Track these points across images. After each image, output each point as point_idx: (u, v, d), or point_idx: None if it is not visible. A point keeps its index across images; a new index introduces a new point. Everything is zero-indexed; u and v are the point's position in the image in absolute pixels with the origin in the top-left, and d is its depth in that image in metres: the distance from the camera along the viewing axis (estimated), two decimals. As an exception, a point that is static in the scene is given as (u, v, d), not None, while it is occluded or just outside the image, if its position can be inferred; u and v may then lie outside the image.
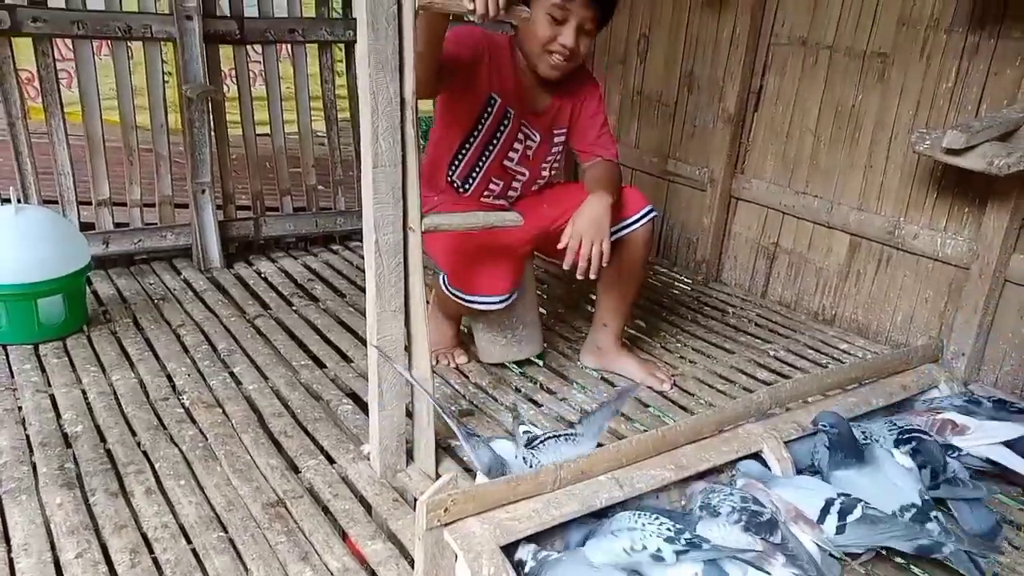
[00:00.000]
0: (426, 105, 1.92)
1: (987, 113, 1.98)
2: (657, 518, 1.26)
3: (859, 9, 2.29)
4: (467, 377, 2.02)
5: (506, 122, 1.86)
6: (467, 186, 1.94)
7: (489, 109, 1.83)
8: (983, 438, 1.60)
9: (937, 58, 2.12)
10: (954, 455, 1.55)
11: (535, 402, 1.92)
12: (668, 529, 1.24)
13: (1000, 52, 1.99)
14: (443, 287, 1.85)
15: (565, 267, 1.72)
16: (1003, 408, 1.68)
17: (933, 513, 1.37)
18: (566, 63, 1.78)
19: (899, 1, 2.18)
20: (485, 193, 1.97)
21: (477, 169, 1.92)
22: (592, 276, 1.72)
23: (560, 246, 1.71)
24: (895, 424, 1.60)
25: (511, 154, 1.91)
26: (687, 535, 1.23)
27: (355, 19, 1.31)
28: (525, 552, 1.24)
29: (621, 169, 1.98)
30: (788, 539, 1.27)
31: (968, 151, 1.84)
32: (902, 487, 1.42)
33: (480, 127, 1.86)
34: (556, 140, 1.96)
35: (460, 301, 1.83)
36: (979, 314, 2.05)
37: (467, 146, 1.89)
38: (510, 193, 1.99)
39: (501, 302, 1.81)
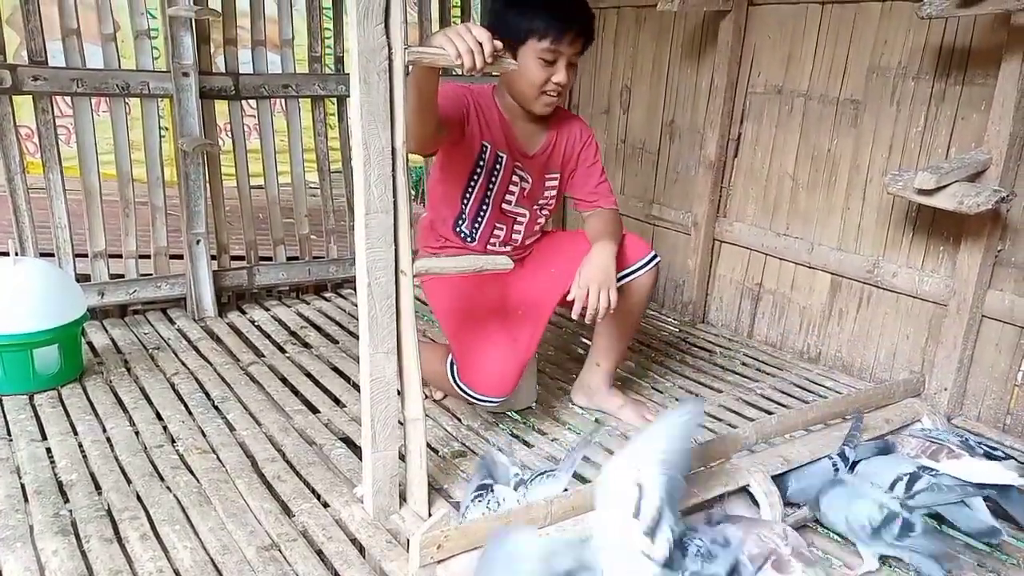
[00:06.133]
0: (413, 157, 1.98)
1: (956, 155, 2.06)
2: None
3: (831, 59, 2.39)
4: (459, 419, 2.05)
5: (498, 166, 1.91)
6: (474, 234, 1.99)
7: (483, 156, 1.89)
8: (973, 474, 1.62)
9: (907, 104, 2.22)
10: (932, 473, 1.58)
11: (526, 443, 1.94)
12: None
13: (966, 98, 2.08)
14: (450, 377, 1.88)
15: (573, 316, 1.78)
16: (992, 455, 1.69)
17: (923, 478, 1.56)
18: (559, 98, 1.86)
19: (869, 51, 2.29)
20: (491, 240, 2.01)
21: (481, 216, 1.97)
22: (599, 321, 1.80)
23: (570, 298, 1.78)
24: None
25: (508, 196, 1.96)
26: None
27: (347, 75, 1.38)
28: None
29: (620, 216, 2.04)
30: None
31: (939, 191, 1.91)
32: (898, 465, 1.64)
33: (477, 175, 1.91)
34: (548, 184, 2.01)
35: (466, 397, 1.87)
36: (959, 349, 2.10)
37: (468, 195, 1.94)
38: (514, 236, 2.03)
39: (503, 400, 1.87)
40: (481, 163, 1.90)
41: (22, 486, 1.65)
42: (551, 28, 1.74)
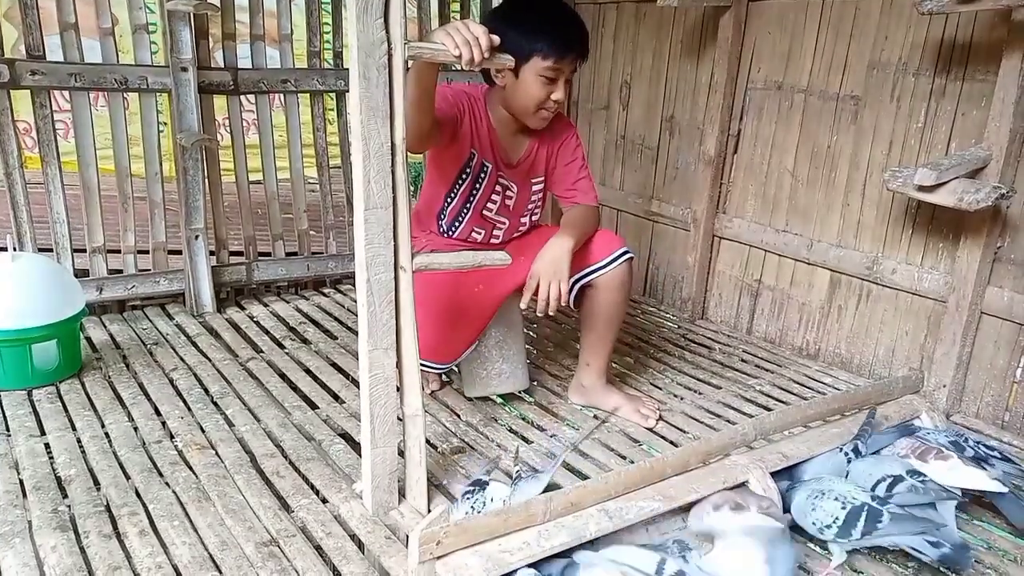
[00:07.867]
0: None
1: (956, 152, 2.06)
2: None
3: (831, 55, 2.39)
4: (458, 415, 2.05)
5: (483, 176, 1.93)
6: (452, 232, 2.03)
7: (470, 163, 1.91)
8: (958, 478, 1.62)
9: (907, 100, 2.21)
10: (920, 478, 1.58)
11: (525, 439, 1.94)
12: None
13: (966, 94, 2.08)
14: None
15: (521, 306, 1.83)
16: (984, 460, 1.69)
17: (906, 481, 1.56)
18: (554, 113, 1.89)
19: (869, 47, 2.28)
20: (470, 238, 2.04)
21: (460, 218, 2.00)
22: (551, 313, 1.81)
23: (526, 290, 1.82)
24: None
25: (490, 205, 1.99)
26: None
27: (346, 70, 1.37)
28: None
29: (599, 211, 2.04)
30: None
31: (939, 188, 1.91)
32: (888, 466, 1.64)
33: (462, 180, 1.93)
34: (535, 188, 2.03)
35: None
36: (958, 346, 2.10)
37: (451, 197, 1.97)
38: (492, 240, 2.06)
39: (443, 368, 2.00)
40: (468, 169, 1.92)
41: (20, 482, 1.65)
42: (555, 48, 1.77)
